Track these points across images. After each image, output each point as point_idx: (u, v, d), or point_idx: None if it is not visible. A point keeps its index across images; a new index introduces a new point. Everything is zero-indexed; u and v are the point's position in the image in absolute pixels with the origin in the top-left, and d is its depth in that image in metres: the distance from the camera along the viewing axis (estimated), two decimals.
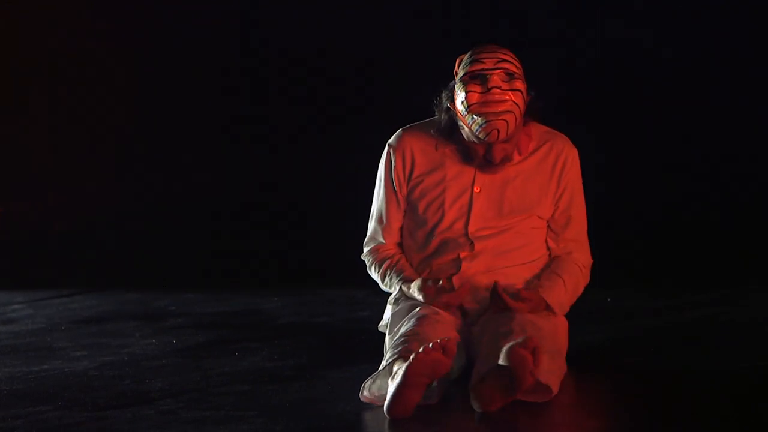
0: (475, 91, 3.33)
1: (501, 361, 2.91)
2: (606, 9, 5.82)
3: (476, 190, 3.44)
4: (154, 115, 6.64)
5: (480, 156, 3.40)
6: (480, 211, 3.43)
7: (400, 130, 3.58)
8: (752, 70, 5.72)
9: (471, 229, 3.42)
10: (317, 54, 6.35)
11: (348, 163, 5.97)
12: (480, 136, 3.34)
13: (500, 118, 3.30)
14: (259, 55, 6.52)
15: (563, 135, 3.53)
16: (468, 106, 3.33)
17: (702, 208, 5.75)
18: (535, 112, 3.44)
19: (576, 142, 3.54)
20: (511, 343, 2.90)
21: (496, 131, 3.32)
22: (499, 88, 3.31)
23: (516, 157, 3.45)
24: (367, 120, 5.95)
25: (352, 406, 3.13)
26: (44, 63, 6.65)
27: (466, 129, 3.38)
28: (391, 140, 3.56)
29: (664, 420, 2.92)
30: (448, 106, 3.43)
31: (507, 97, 3.31)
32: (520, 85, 3.36)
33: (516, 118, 3.33)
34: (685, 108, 5.79)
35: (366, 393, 3.12)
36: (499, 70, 3.33)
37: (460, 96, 3.36)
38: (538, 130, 3.49)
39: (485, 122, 3.31)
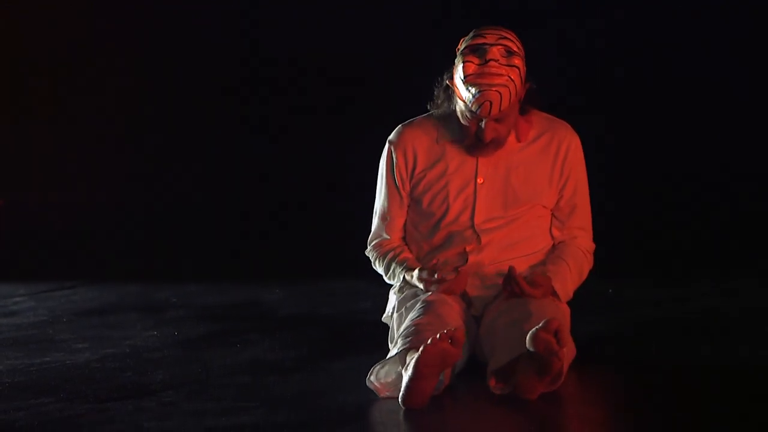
0: (472, 62, 3.29)
1: (528, 347, 2.92)
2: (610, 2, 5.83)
3: (479, 181, 3.43)
4: (156, 109, 6.64)
5: (472, 135, 3.38)
6: (485, 202, 3.43)
7: (400, 126, 3.56)
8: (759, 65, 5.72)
9: (477, 220, 3.42)
10: (318, 50, 6.35)
11: (349, 153, 5.96)
12: (473, 108, 3.29)
13: (494, 89, 3.24)
14: (260, 52, 6.52)
15: (565, 122, 3.52)
16: (464, 77, 3.28)
17: (705, 200, 5.75)
18: (536, 101, 3.43)
19: (580, 133, 3.53)
20: (533, 330, 2.91)
21: (488, 103, 3.26)
22: (496, 61, 3.27)
23: (516, 145, 3.44)
24: (369, 113, 5.94)
25: (353, 398, 3.13)
26: (47, 59, 6.65)
27: (461, 104, 3.34)
28: (391, 137, 3.55)
29: (667, 411, 2.92)
30: (447, 84, 3.41)
31: (503, 72, 3.26)
32: (518, 62, 3.31)
33: (510, 95, 3.28)
34: (690, 101, 5.79)
35: (372, 378, 3.12)
36: (499, 46, 3.30)
37: (458, 68, 3.32)
38: (538, 117, 3.48)
39: (478, 92, 3.25)
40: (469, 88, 3.27)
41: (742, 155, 5.74)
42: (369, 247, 3.63)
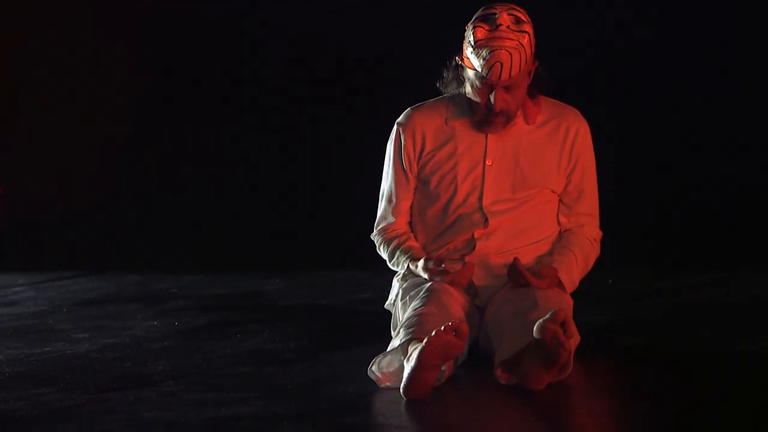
0: (483, 28, 3.30)
1: (535, 336, 2.92)
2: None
3: (488, 162, 3.43)
4: (156, 102, 6.63)
5: (482, 107, 3.37)
6: (493, 183, 3.42)
7: (409, 109, 3.57)
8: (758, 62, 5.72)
9: (485, 202, 3.42)
10: (320, 42, 6.35)
11: (351, 143, 5.96)
12: (483, 72, 3.29)
13: (504, 50, 3.25)
14: (262, 43, 6.51)
15: (574, 108, 3.52)
16: (474, 42, 3.29)
17: (701, 191, 5.75)
18: (543, 85, 3.43)
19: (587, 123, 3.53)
20: (540, 321, 2.91)
21: (499, 65, 3.25)
22: (507, 27, 3.29)
23: (525, 127, 3.44)
24: (371, 104, 5.93)
25: (353, 388, 3.12)
26: (47, 49, 6.65)
27: (471, 74, 3.34)
28: (400, 119, 3.56)
29: (669, 400, 2.92)
30: (456, 64, 3.42)
31: (514, 36, 3.27)
32: (528, 29, 3.32)
33: (521, 60, 3.27)
34: (690, 95, 5.78)
35: (374, 368, 3.12)
36: (509, 15, 3.32)
37: (468, 37, 3.34)
38: (547, 103, 3.50)
39: (489, 53, 3.26)
40: (480, 51, 3.27)
41: (743, 148, 5.73)
42: (375, 231, 3.62)
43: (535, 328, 2.91)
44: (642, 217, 5.74)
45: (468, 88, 3.40)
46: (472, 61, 3.31)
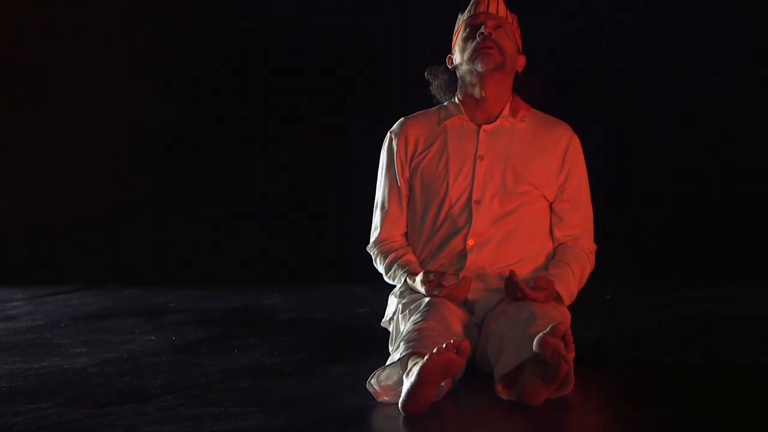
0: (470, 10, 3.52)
1: (535, 350, 2.92)
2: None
3: (480, 154, 3.45)
4: (157, 114, 6.65)
5: (471, 44, 3.43)
6: (484, 176, 3.44)
7: (402, 118, 3.62)
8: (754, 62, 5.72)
9: (475, 195, 3.43)
10: (317, 51, 6.36)
11: (348, 157, 5.97)
12: (471, 11, 3.47)
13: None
14: (259, 53, 6.52)
15: (565, 122, 3.56)
16: (465, 19, 3.48)
17: (699, 205, 5.75)
18: (533, 90, 3.49)
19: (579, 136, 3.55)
20: (540, 335, 2.90)
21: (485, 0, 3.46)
22: (495, 6, 3.48)
23: (517, 125, 3.48)
24: (367, 116, 5.94)
25: (352, 402, 3.12)
26: (47, 61, 6.66)
27: (459, 38, 3.47)
28: (393, 128, 3.61)
29: (665, 415, 2.92)
30: (446, 66, 3.54)
31: (502, 14, 3.49)
32: (514, 17, 3.53)
33: (506, 4, 3.48)
34: (684, 106, 5.79)
35: (373, 381, 3.11)
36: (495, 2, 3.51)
37: (458, 20, 3.51)
38: (539, 113, 3.55)
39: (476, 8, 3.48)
40: (467, 4, 3.51)
41: (740, 161, 5.74)
42: (371, 243, 3.62)
43: (534, 343, 2.91)
44: (639, 231, 5.75)
45: (457, 48, 3.47)
46: (461, 20, 3.50)
